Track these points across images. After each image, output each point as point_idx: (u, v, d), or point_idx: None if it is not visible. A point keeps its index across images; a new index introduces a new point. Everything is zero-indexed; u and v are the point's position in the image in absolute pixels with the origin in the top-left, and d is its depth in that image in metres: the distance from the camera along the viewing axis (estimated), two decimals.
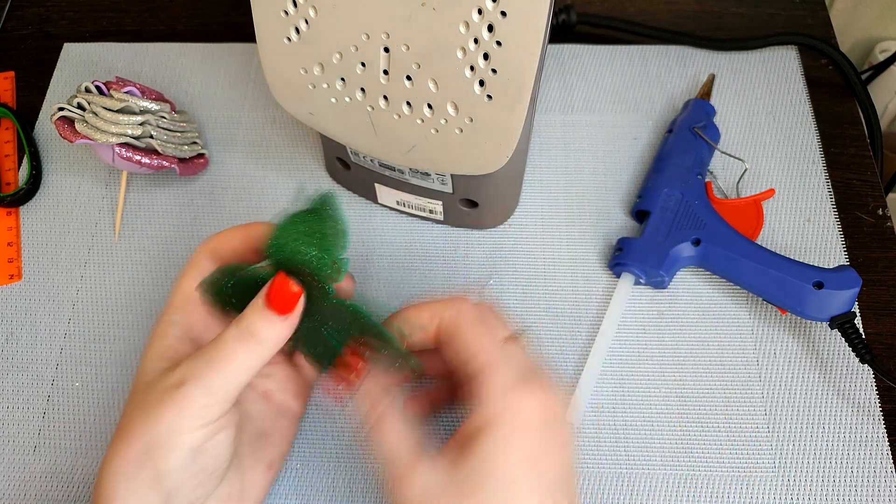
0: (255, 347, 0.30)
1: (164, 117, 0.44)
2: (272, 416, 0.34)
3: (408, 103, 0.34)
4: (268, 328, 0.30)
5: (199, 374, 0.29)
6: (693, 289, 0.43)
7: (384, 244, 0.45)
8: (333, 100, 0.36)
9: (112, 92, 0.42)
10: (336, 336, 0.32)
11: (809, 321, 0.42)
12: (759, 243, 0.41)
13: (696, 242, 0.41)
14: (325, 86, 0.35)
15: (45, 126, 0.50)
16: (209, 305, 0.33)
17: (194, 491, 0.29)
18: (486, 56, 0.31)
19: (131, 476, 0.28)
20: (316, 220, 0.32)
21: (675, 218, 0.42)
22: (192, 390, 0.28)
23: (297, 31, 0.34)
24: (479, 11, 0.29)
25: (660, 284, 0.42)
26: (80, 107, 0.42)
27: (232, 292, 0.32)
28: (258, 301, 0.30)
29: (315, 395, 0.39)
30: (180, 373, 0.29)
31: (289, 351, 0.34)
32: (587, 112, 0.50)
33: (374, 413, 0.31)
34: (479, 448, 0.28)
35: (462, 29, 0.30)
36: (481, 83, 0.32)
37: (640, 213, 0.44)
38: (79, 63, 0.53)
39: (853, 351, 0.39)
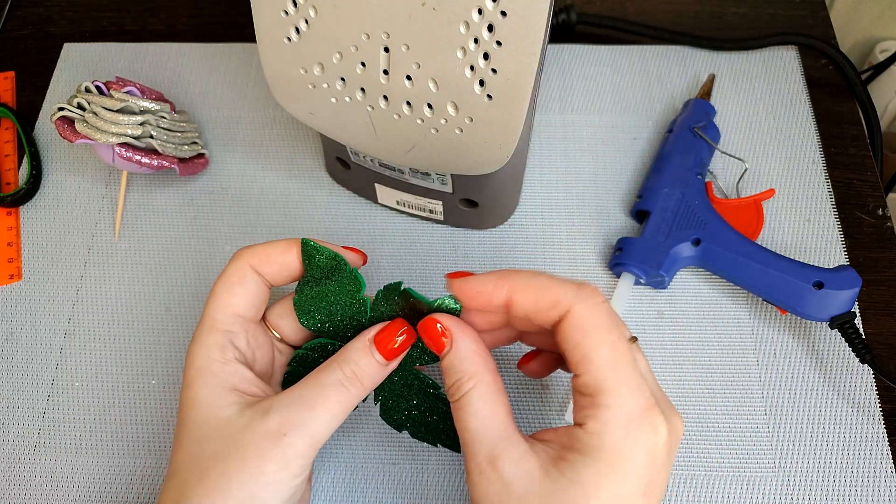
0: (360, 391, 0.29)
1: (164, 117, 0.44)
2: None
3: (408, 103, 0.34)
4: (375, 372, 0.30)
5: (303, 422, 0.27)
6: (693, 289, 0.43)
7: (384, 244, 0.45)
8: (333, 100, 0.36)
9: (112, 92, 0.42)
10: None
11: (809, 321, 0.42)
12: (759, 243, 0.41)
13: (696, 242, 0.41)
14: (325, 86, 0.35)
15: (45, 126, 0.50)
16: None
17: None
18: (486, 56, 0.31)
19: None
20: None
21: (675, 218, 0.42)
22: (296, 441, 0.27)
23: (297, 31, 0.34)
24: (479, 11, 0.29)
25: (660, 284, 0.42)
26: (80, 107, 0.42)
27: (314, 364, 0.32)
28: (364, 345, 0.30)
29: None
30: (277, 420, 0.27)
31: None
32: (587, 112, 0.50)
33: (462, 387, 0.28)
34: (575, 471, 0.26)
35: (462, 29, 0.30)
36: (481, 83, 0.32)
37: (640, 213, 0.44)
38: (79, 63, 0.53)
39: (853, 351, 0.39)
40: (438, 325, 0.29)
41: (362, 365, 0.29)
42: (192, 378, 0.29)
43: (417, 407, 0.33)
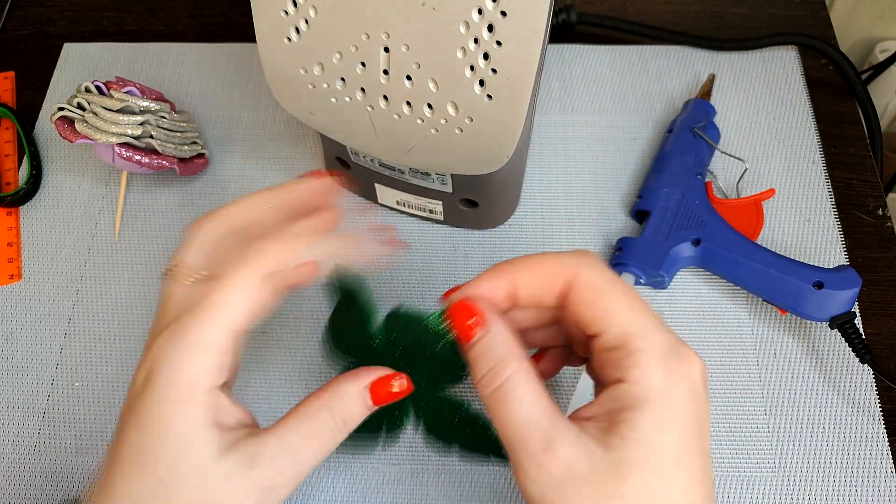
0: (344, 436, 0.29)
1: (164, 117, 0.44)
2: None
3: (408, 103, 0.34)
4: (362, 416, 0.29)
5: (292, 474, 0.27)
6: (693, 289, 0.43)
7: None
8: (333, 100, 0.36)
9: (112, 92, 0.42)
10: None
11: (809, 321, 0.42)
12: (759, 243, 0.41)
13: (696, 242, 0.41)
14: (325, 86, 0.35)
15: (45, 126, 0.50)
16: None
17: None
18: (486, 56, 0.31)
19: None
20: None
21: (675, 218, 0.42)
22: (283, 494, 0.27)
23: (297, 31, 0.34)
24: (479, 11, 0.29)
25: (660, 284, 0.42)
26: (80, 107, 0.42)
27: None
28: (358, 392, 0.29)
29: None
30: (266, 475, 0.26)
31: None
32: (587, 112, 0.50)
33: (500, 374, 0.26)
34: (635, 428, 0.25)
35: (462, 29, 0.30)
36: (481, 83, 0.32)
37: (640, 213, 0.44)
38: (79, 63, 0.53)
39: (853, 351, 0.39)
40: (472, 306, 0.28)
41: (355, 415, 0.29)
42: (169, 397, 0.26)
43: (459, 427, 0.32)
